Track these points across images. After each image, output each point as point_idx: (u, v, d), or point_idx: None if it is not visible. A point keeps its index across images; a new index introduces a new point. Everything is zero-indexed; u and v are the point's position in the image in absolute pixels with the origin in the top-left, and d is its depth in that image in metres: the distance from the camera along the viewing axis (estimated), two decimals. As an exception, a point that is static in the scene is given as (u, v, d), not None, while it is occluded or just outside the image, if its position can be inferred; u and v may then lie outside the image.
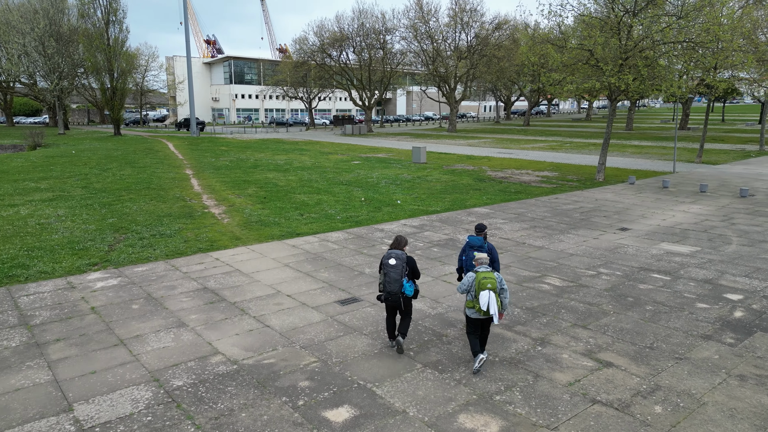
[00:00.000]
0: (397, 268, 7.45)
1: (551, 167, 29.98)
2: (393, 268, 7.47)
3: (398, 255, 7.54)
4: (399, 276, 7.45)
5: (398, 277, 7.44)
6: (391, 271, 7.47)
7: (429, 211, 18.25)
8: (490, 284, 6.99)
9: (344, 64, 66.76)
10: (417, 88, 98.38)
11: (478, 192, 21.94)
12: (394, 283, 7.45)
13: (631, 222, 16.59)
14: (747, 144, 42.77)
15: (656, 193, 21.80)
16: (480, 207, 18.92)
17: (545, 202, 19.90)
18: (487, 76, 66.99)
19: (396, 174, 27.46)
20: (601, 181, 24.91)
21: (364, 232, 15.37)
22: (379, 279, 7.67)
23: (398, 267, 7.46)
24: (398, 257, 7.52)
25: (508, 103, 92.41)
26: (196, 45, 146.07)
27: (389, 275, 7.48)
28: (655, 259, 12.54)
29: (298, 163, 32.35)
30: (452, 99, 64.29)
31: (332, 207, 18.85)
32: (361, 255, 13.06)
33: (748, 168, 29.02)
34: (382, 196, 20.91)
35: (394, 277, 7.45)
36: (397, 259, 7.51)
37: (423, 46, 63.42)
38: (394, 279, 7.45)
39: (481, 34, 61.99)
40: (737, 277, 11.10)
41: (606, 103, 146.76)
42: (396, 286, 7.45)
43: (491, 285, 6.99)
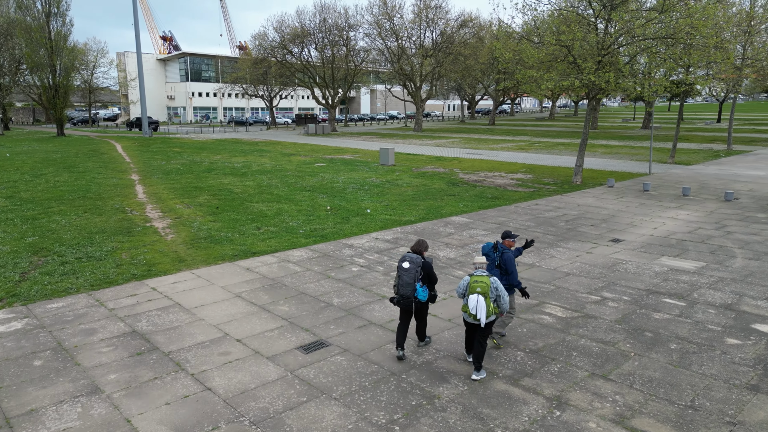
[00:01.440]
0: (411, 272, 7.35)
1: (524, 169, 28.71)
2: (406, 271, 7.38)
3: (413, 258, 7.42)
4: (412, 280, 7.35)
5: (411, 281, 7.35)
6: (404, 274, 7.39)
7: (402, 221, 16.48)
8: (479, 288, 6.86)
9: (306, 61, 64.40)
10: (381, 86, 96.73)
11: (452, 198, 20.31)
12: (407, 287, 7.37)
13: (622, 232, 15.24)
14: (713, 143, 42.73)
15: (638, 197, 20.66)
16: (457, 216, 17.28)
17: (525, 209, 18.43)
18: (452, 75, 65.84)
19: (363, 178, 25.61)
20: (579, 183, 23.71)
21: (331, 249, 13.47)
22: (394, 281, 7.62)
23: (412, 271, 7.35)
24: (413, 261, 7.40)
25: (473, 102, 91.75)
26: (152, 41, 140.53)
27: (402, 278, 7.41)
28: (660, 278, 11.11)
29: (257, 166, 30.10)
30: (418, 98, 62.84)
31: (294, 218, 16.86)
32: (328, 280, 11.17)
33: (722, 168, 28.44)
34: (350, 204, 19.03)
35: (407, 280, 7.37)
36: (412, 263, 7.38)
37: (387, 44, 61.74)
38: (407, 283, 7.36)
39: (446, 31, 60.73)
40: (758, 301, 9.75)
41: (567, 102, 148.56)
42: (409, 289, 7.37)
43: (480, 289, 6.86)
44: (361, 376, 7.21)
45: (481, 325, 6.93)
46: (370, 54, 67.74)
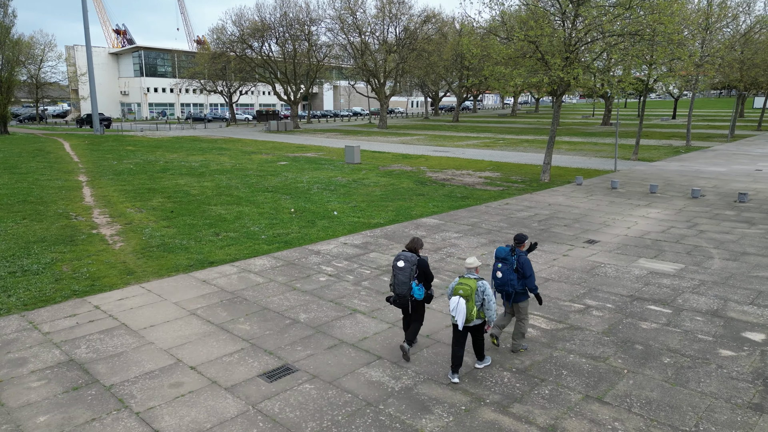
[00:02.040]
0: (406, 271, 7.31)
1: (492, 167, 28.34)
2: (401, 270, 7.34)
3: (407, 257, 7.37)
4: (407, 279, 7.31)
5: (406, 280, 7.31)
6: (399, 273, 7.35)
7: (371, 224, 15.69)
8: (462, 290, 6.74)
9: (267, 56, 62.71)
10: (345, 82, 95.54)
11: (422, 198, 19.64)
12: (402, 286, 7.34)
13: (596, 232, 14.88)
14: (671, 139, 43.51)
15: (607, 195, 20.49)
16: (428, 217, 16.61)
17: (497, 209, 17.93)
18: (416, 71, 65.35)
19: (329, 177, 24.69)
20: (547, 181, 23.45)
21: (296, 257, 12.57)
22: (390, 280, 7.61)
23: (407, 269, 7.31)
24: (407, 259, 7.35)
25: (437, 98, 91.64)
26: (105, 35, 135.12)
27: (397, 277, 7.37)
28: (642, 282, 10.70)
29: (215, 165, 28.75)
30: (382, 94, 62.07)
31: (256, 222, 15.85)
32: (294, 292, 10.29)
33: (684, 165, 28.76)
34: (316, 206, 18.12)
35: (402, 279, 7.33)
36: (406, 262, 7.33)
37: (350, 39, 60.73)
38: (402, 281, 7.33)
39: (409, 27, 60.15)
40: (744, 306, 9.41)
41: (528, 98, 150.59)
42: (404, 288, 7.33)
43: (463, 291, 6.72)
44: (333, 408, 6.41)
45: (458, 327, 6.78)
46: (332, 49, 66.57)
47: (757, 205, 18.21)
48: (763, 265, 11.68)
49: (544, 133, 51.43)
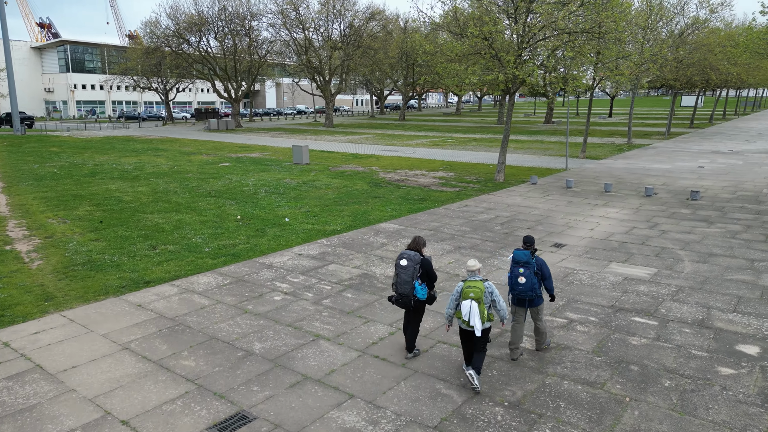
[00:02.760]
0: (408, 270, 7.19)
1: (445, 167, 27.74)
2: (404, 269, 7.22)
3: (410, 256, 7.25)
4: (410, 278, 7.19)
5: (409, 279, 7.19)
6: (402, 272, 7.23)
7: (327, 231, 14.55)
8: (472, 293, 6.56)
9: (205, 51, 59.87)
10: (288, 79, 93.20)
11: (378, 201, 18.66)
12: (405, 285, 7.22)
13: (561, 235, 14.38)
14: (612, 137, 44.56)
15: (563, 194, 20.22)
16: (387, 222, 15.64)
17: (456, 211, 17.20)
18: (361, 69, 64.35)
19: (277, 179, 23.27)
20: (502, 181, 23.03)
21: (246, 272, 11.28)
22: (393, 280, 7.46)
23: (409, 269, 7.19)
24: (410, 258, 7.23)
25: (382, 97, 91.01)
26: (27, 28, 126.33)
27: (400, 276, 7.25)
28: (619, 290, 10.15)
29: (151, 168, 26.66)
30: (328, 92, 60.65)
31: (198, 232, 14.36)
32: (246, 315, 9.05)
33: (630, 162, 29.19)
34: (264, 212, 16.77)
35: (404, 278, 7.21)
36: (409, 260, 7.22)
37: (293, 35, 58.93)
38: (405, 281, 7.20)
39: (354, 23, 59.05)
40: (728, 315, 8.98)
41: (470, 97, 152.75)
42: (407, 287, 7.20)
43: (474, 294, 6.56)
44: (303, 469, 5.31)
45: (476, 333, 6.56)
46: (275, 45, 64.48)
47: (710, 203, 18.37)
48: (733, 267, 11.43)
49: (490, 131, 51.68)
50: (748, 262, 11.73)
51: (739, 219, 15.92)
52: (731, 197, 19.34)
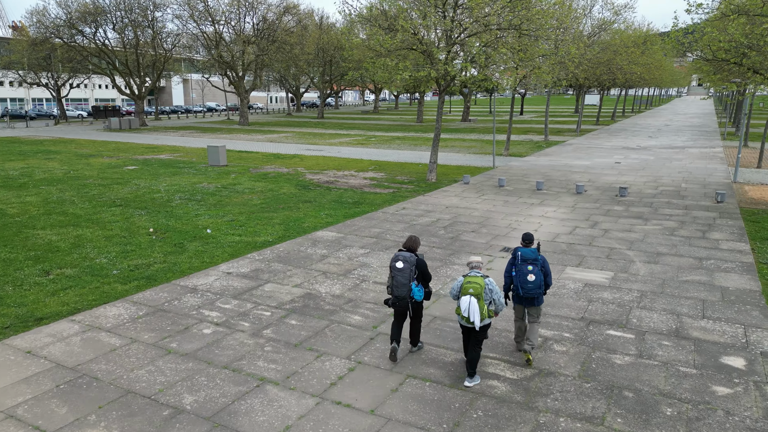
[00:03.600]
0: (405, 272, 6.98)
1: (374, 166, 26.71)
2: (400, 271, 6.99)
3: (406, 257, 7.03)
4: (407, 280, 6.98)
5: (406, 281, 6.98)
6: (399, 274, 6.99)
7: (258, 243, 12.96)
8: (472, 289, 6.54)
9: (102, 44, 54.78)
10: (197, 75, 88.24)
11: (310, 205, 17.23)
12: (401, 287, 6.99)
13: (506, 237, 13.78)
14: (528, 134, 45.72)
15: (497, 193, 19.85)
16: (324, 229, 14.29)
17: (395, 215, 16.18)
18: (277, 64, 61.85)
19: (192, 184, 21.10)
20: (435, 181, 22.36)
21: (166, 299, 9.54)
22: (387, 282, 7.20)
23: (406, 270, 6.98)
24: (406, 260, 7.01)
25: (298, 94, 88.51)
26: None
27: (396, 279, 7.01)
28: (584, 299, 9.55)
29: (42, 174, 23.41)
30: (241, 88, 57.71)
31: (103, 250, 12.27)
32: (170, 357, 7.43)
33: (552, 159, 29.72)
34: (182, 223, 14.83)
35: (401, 281, 6.98)
36: (405, 262, 6.99)
37: (202, 28, 55.42)
38: (402, 283, 6.98)
39: (268, 17, 56.54)
40: (698, 321, 8.60)
41: (387, 95, 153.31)
42: (404, 290, 6.99)
43: (473, 290, 6.53)
44: None
45: (475, 328, 6.56)
46: (181, 38, 60.40)
47: (638, 199, 18.69)
48: (685, 267, 11.27)
49: (411, 130, 51.43)
50: (696, 261, 11.65)
51: (671, 215, 16.18)
52: (655, 192, 19.86)
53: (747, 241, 13.18)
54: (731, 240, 13.29)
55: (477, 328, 6.52)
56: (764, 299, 9.40)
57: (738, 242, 13.08)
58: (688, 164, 27.32)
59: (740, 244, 12.95)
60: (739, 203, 17.87)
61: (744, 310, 8.97)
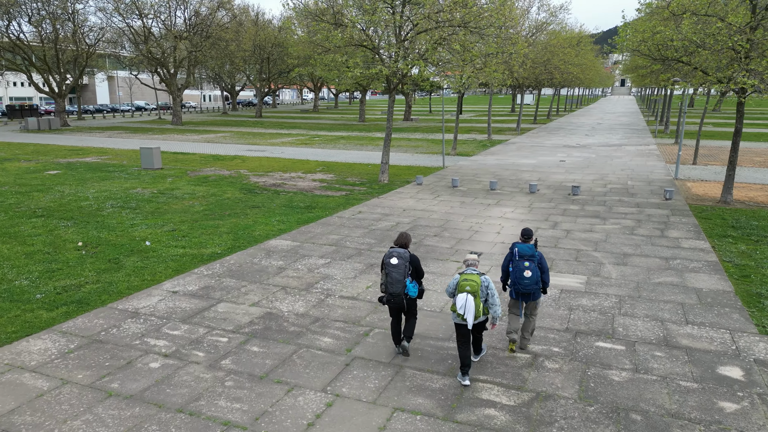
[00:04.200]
0: (400, 268, 6.89)
1: (321, 168, 25.68)
2: (395, 267, 6.90)
3: (401, 254, 6.98)
4: (402, 276, 6.89)
5: (401, 278, 6.88)
6: (393, 271, 6.89)
7: (205, 255, 11.74)
8: (468, 287, 6.50)
9: (16, 37, 50.35)
10: (124, 72, 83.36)
11: (258, 211, 16.05)
12: (396, 284, 6.89)
13: (471, 242, 13.26)
14: (471, 133, 45.99)
15: (453, 194, 19.40)
16: (278, 238, 13.21)
17: (352, 220, 15.32)
18: (211, 61, 59.22)
19: (125, 189, 19.32)
20: (387, 182, 21.66)
21: (102, 326, 8.26)
22: (381, 279, 7.14)
23: (401, 267, 6.90)
24: (401, 256, 6.96)
25: (234, 92, 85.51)
26: None
27: (391, 275, 6.91)
28: (564, 307, 9.10)
29: (-52, 181, 20.80)
30: (174, 86, 54.77)
31: (23, 270, 10.69)
32: (112, 402, 6.25)
33: (499, 158, 29.77)
34: (116, 235, 13.31)
35: (396, 277, 6.88)
36: (400, 258, 6.93)
37: (129, 22, 52.07)
38: (397, 279, 6.88)
39: (201, 11, 53.94)
40: (683, 327, 8.32)
41: (325, 94, 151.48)
42: (399, 287, 6.88)
43: (470, 288, 6.49)
44: None
45: (468, 326, 6.54)
46: (105, 33, 56.60)
47: (590, 197, 18.77)
48: (654, 268, 11.12)
49: (355, 129, 50.59)
50: (663, 261, 11.54)
51: (626, 213, 16.25)
52: (605, 191, 20.06)
53: (705, 238, 13.31)
54: (690, 238, 13.38)
55: (469, 326, 6.48)
56: (740, 300, 9.31)
57: (697, 240, 13.18)
58: (628, 161, 28.08)
59: (699, 242, 13.05)
60: (686, 200, 18.29)
61: (724, 313, 8.80)
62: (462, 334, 6.66)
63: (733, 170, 17.32)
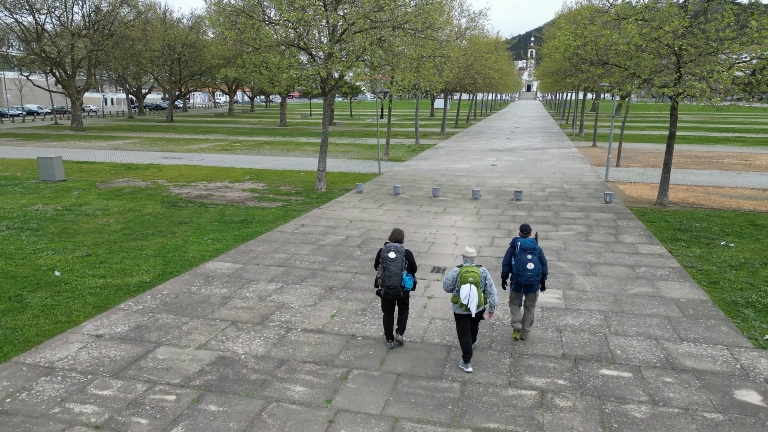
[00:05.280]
0: (397, 262, 7.23)
1: (250, 176, 23.88)
2: (393, 261, 7.22)
3: (398, 248, 7.32)
4: (399, 269, 7.22)
5: (398, 271, 7.22)
6: (392, 264, 7.22)
7: (132, 285, 9.93)
8: (471, 278, 6.84)
9: None
10: (12, 73, 75.26)
11: (187, 228, 14.23)
12: (394, 277, 7.22)
13: (430, 255, 12.39)
14: (397, 138, 45.56)
15: (396, 203, 18.52)
16: (215, 259, 11.59)
17: (297, 235, 13.94)
18: (114, 62, 54.60)
19: (22, 206, 16.63)
20: (325, 191, 20.40)
21: (7, 390, 6.44)
22: (377, 274, 7.45)
23: (398, 260, 7.24)
24: (398, 250, 7.29)
25: (140, 95, 79.85)
26: None
27: (389, 269, 7.23)
28: (551, 329, 8.40)
29: None
30: (72, 89, 49.87)
31: None
32: None
33: (432, 164, 29.36)
34: (15, 264, 11.08)
35: (394, 270, 7.21)
36: (397, 253, 7.27)
37: (17, 18, 46.75)
38: (395, 273, 7.21)
39: (102, 7, 49.54)
40: (682, 345, 7.87)
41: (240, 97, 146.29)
42: (396, 279, 7.22)
43: (473, 279, 6.84)
44: None
45: (471, 315, 6.90)
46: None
47: (533, 202, 18.60)
48: (624, 278, 10.77)
49: (277, 133, 48.58)
50: (630, 270, 11.26)
51: (575, 218, 16.12)
52: (545, 195, 20.03)
53: (659, 243, 13.30)
54: (645, 243, 13.31)
55: (473, 314, 6.88)
56: (720, 311, 9.07)
57: (652, 245, 13.13)
58: (556, 164, 28.65)
59: (655, 246, 12.99)
60: (624, 202, 18.58)
61: (712, 326, 8.48)
62: (464, 324, 7.02)
63: (668, 173, 17.78)
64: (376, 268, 7.49)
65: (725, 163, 29.13)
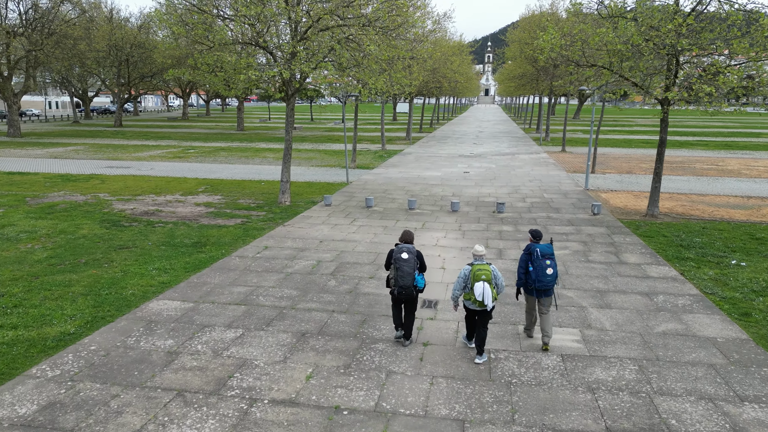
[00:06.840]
0: (410, 262, 7.45)
1: (205, 187, 21.65)
2: (406, 262, 7.45)
3: (410, 249, 7.55)
4: (412, 269, 7.44)
5: (411, 271, 7.44)
6: (405, 265, 7.44)
7: (50, 339, 7.80)
8: (484, 276, 7.10)
9: None
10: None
11: (128, 254, 12.06)
12: (407, 277, 7.44)
13: (416, 283, 10.67)
14: (362, 143, 43.82)
15: (369, 217, 16.78)
16: (160, 297, 9.53)
17: (259, 260, 11.99)
18: (56, 63, 50.79)
19: (-74, 231, 14.01)
20: (290, 204, 18.45)
21: None
22: (390, 274, 7.66)
23: (411, 261, 7.46)
24: (410, 251, 7.52)
25: (86, 98, 75.29)
26: None
27: (402, 269, 7.44)
28: (582, 388, 6.83)
29: None
30: (9, 91, 45.97)
31: None
32: None
33: (402, 171, 27.76)
34: None
35: (407, 270, 7.43)
36: (410, 253, 7.50)
37: (-56, 11, 42.66)
38: (407, 273, 7.43)
39: (41, 4, 45.88)
40: (742, 407, 6.41)
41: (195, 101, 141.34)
42: (409, 279, 7.44)
43: (485, 276, 7.10)
44: None
45: (487, 309, 7.16)
46: None
47: (517, 215, 17.21)
48: (643, 310, 9.34)
49: (235, 139, 46.04)
50: (646, 299, 9.86)
51: (567, 234, 14.76)
52: (528, 206, 18.70)
53: (666, 263, 12.01)
54: (651, 263, 12.00)
55: (489, 309, 7.12)
56: None
57: (659, 266, 11.82)
58: (530, 171, 27.54)
59: (663, 268, 11.69)
60: (612, 213, 17.41)
61: (767, 377, 7.09)
62: (475, 319, 7.46)
63: (659, 182, 16.71)
64: (387, 268, 7.69)
65: (698, 169, 28.69)
